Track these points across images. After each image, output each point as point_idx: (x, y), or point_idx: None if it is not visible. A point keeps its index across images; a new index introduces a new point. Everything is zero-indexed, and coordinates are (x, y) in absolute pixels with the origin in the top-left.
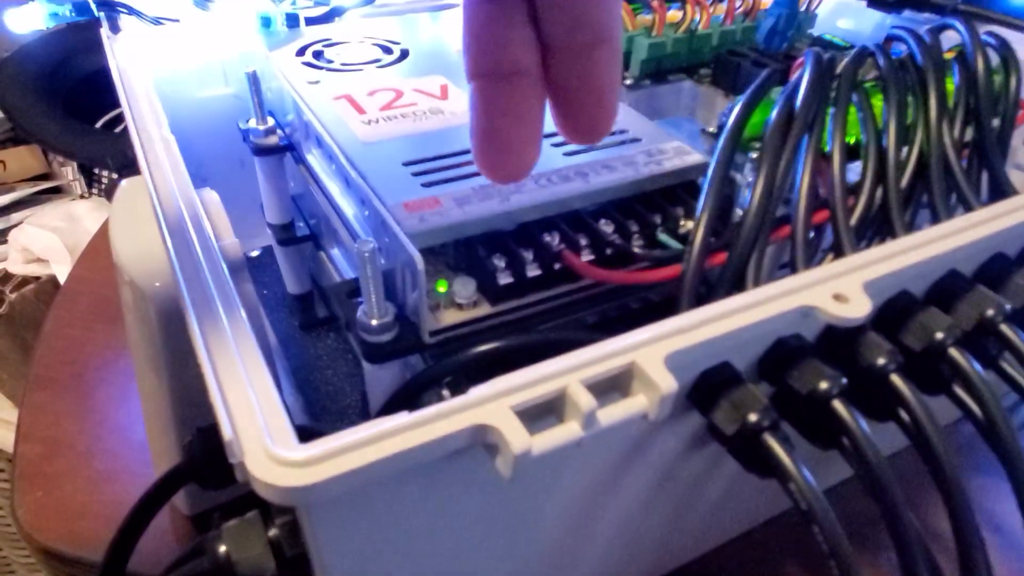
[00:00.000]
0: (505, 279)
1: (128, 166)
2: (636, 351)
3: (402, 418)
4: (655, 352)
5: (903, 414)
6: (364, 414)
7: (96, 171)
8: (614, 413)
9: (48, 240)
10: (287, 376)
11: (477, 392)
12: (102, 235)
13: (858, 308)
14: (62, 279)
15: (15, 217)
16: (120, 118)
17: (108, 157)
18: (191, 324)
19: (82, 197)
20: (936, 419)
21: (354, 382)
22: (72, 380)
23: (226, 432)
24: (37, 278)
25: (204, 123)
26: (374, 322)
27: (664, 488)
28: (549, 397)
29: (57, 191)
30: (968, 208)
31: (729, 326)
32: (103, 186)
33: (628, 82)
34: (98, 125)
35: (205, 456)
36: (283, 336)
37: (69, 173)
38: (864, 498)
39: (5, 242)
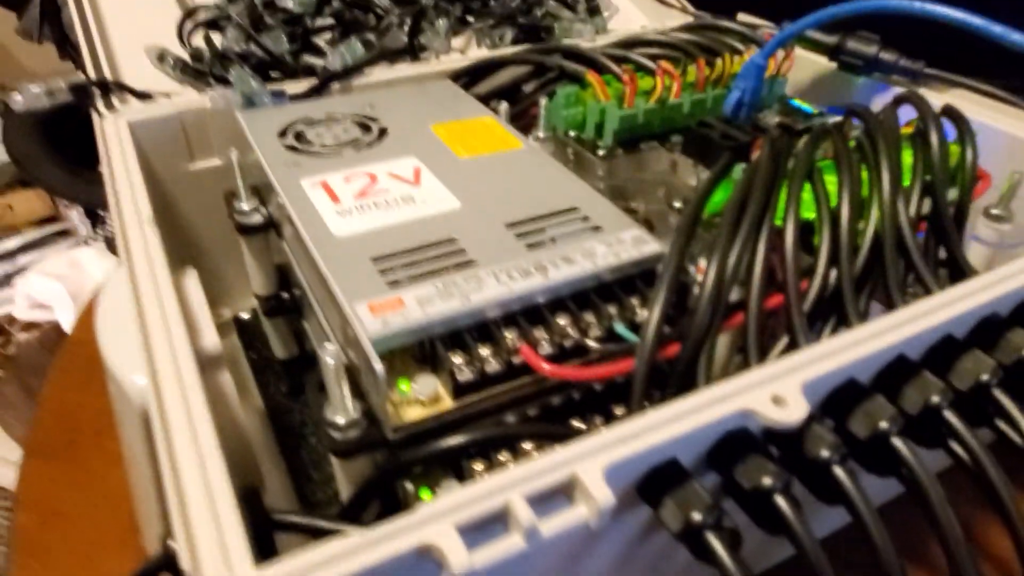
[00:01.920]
0: (465, 376)
1: None
2: (577, 463)
3: (352, 540)
4: (595, 464)
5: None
6: None
7: (101, 213)
8: (556, 524)
9: (52, 288)
10: (272, 443)
11: (423, 510)
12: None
13: (794, 412)
14: (65, 326)
15: (22, 260)
16: None
17: None
18: (157, 441)
19: (87, 241)
20: (874, 510)
21: None
22: (67, 447)
23: (185, 562)
24: (43, 324)
25: (195, 194)
26: (340, 420)
27: (626, 569)
28: (492, 512)
29: (64, 234)
30: (925, 287)
31: (667, 434)
32: (107, 228)
33: (601, 152)
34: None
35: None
36: (270, 401)
37: (75, 216)
38: None
39: (12, 286)
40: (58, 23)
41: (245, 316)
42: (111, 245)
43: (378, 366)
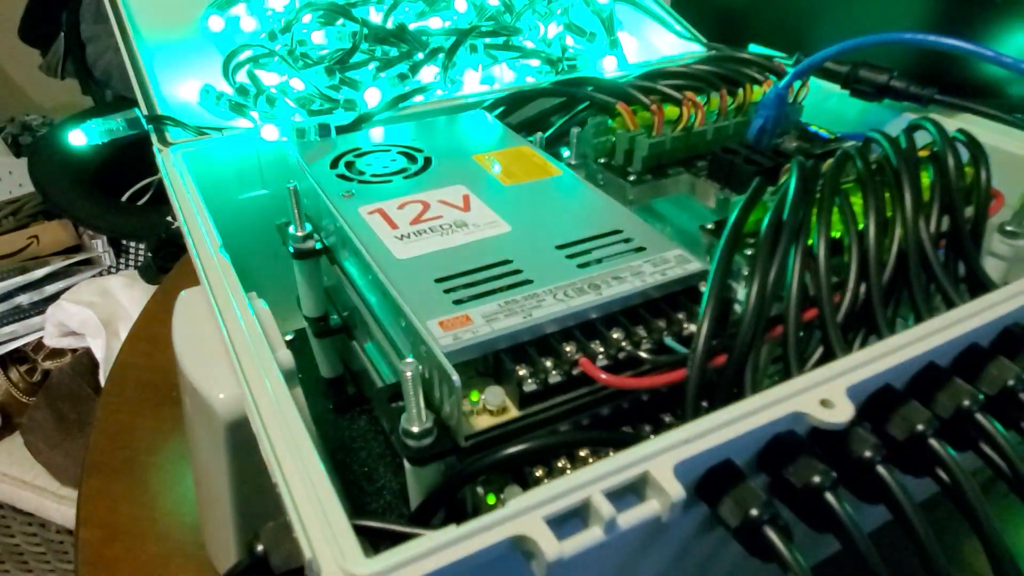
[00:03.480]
0: (529, 387)
1: (164, 247)
2: (648, 461)
3: (451, 532)
4: (664, 462)
5: (887, 500)
6: (398, 493)
7: (124, 243)
8: (631, 518)
9: (84, 315)
10: (324, 459)
11: (513, 505)
12: (143, 319)
13: (842, 413)
14: (96, 352)
15: (48, 289)
16: (143, 191)
17: (139, 233)
18: (264, 446)
19: (110, 270)
20: (916, 504)
21: (387, 463)
22: (125, 465)
23: (305, 552)
24: (73, 351)
25: (244, 222)
26: (415, 429)
27: (679, 564)
28: (575, 506)
29: (88, 263)
30: (946, 298)
31: (729, 434)
32: (130, 257)
33: (632, 178)
34: (123, 198)
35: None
36: (317, 418)
37: (99, 246)
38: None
39: (40, 313)
40: (82, 60)
41: (288, 338)
42: (144, 272)
43: (455, 376)
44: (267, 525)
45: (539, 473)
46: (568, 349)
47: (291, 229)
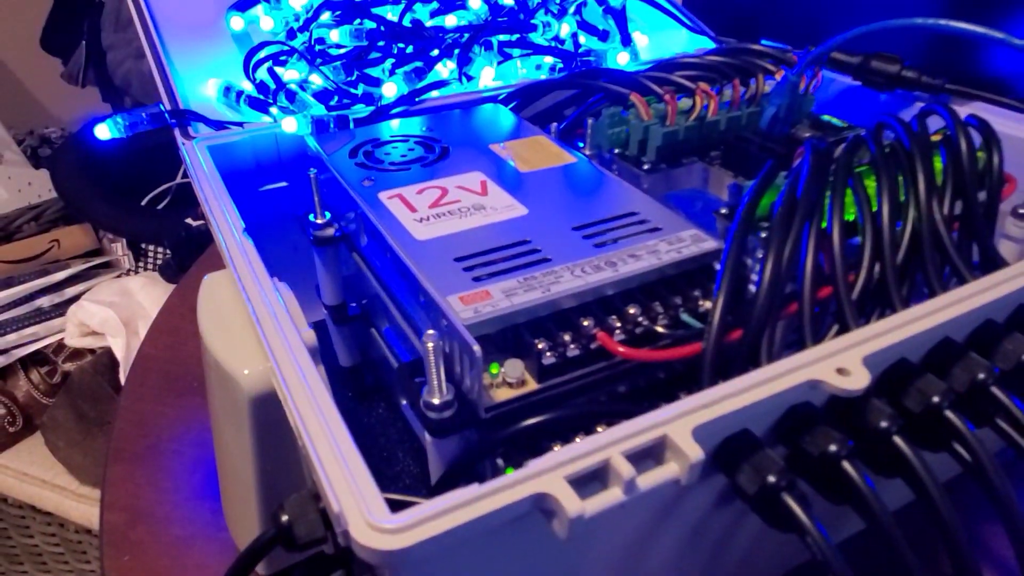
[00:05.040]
0: (548, 360)
1: (183, 245)
2: (667, 425)
3: (473, 490)
4: (683, 425)
5: (905, 471)
6: (417, 477)
7: (143, 246)
8: (651, 479)
9: (105, 315)
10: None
11: (535, 465)
12: (164, 313)
13: (858, 381)
14: (116, 351)
15: (69, 292)
16: (163, 195)
17: (158, 236)
18: (292, 412)
19: (129, 272)
20: (935, 475)
21: (405, 448)
22: (147, 452)
23: (334, 506)
24: (92, 351)
25: (264, 214)
26: (436, 401)
27: (696, 540)
28: (595, 467)
29: (108, 266)
30: (960, 279)
31: (746, 400)
32: (148, 260)
33: (646, 167)
34: (143, 203)
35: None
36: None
37: (119, 249)
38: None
39: (61, 315)
40: (102, 67)
41: None
42: (164, 271)
43: (476, 346)
44: (291, 496)
45: (557, 448)
46: (586, 323)
47: (311, 217)
